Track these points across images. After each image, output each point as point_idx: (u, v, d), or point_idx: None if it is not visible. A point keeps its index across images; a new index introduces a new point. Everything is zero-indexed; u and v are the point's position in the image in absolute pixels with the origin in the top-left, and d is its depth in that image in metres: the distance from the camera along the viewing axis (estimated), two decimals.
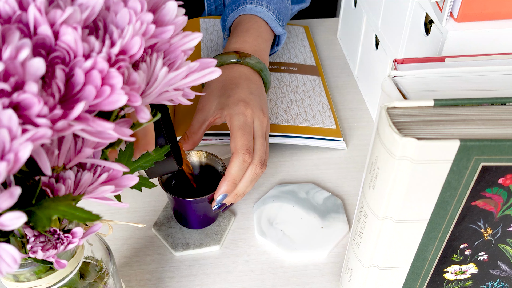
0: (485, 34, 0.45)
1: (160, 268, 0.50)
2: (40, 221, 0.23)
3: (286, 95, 0.66)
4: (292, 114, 0.63)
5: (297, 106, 0.64)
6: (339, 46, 0.83)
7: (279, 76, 0.70)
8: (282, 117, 0.62)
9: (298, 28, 0.83)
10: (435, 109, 0.30)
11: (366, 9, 0.68)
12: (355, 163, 0.61)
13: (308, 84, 0.69)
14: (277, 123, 0.61)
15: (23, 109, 0.20)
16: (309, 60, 0.75)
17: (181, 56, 0.25)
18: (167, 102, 0.27)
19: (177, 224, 0.53)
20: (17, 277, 0.31)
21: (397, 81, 0.33)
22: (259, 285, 0.48)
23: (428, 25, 0.50)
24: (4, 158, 0.19)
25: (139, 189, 0.36)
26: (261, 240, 0.52)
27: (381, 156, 0.30)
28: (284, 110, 0.63)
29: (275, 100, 0.65)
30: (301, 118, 0.62)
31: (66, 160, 0.24)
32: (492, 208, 0.32)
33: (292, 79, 0.69)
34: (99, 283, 0.37)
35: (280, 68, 0.72)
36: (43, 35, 0.21)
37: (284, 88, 0.67)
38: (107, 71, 0.21)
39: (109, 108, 0.21)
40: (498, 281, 0.38)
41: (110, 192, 0.27)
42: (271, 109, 0.63)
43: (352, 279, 0.41)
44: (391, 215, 0.32)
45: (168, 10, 0.25)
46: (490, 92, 0.32)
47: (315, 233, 0.51)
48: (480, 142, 0.27)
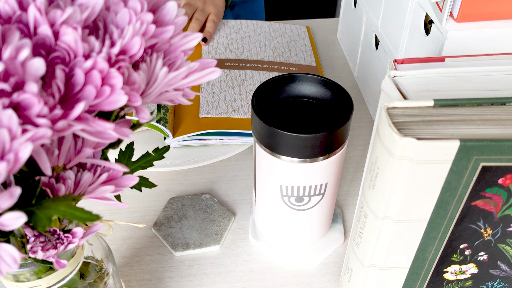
0: (485, 34, 0.45)
1: (160, 268, 0.50)
2: (40, 221, 0.23)
3: None
4: None
5: None
6: (339, 46, 0.83)
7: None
8: None
9: (300, 27, 0.83)
10: (435, 109, 0.30)
11: (366, 9, 0.68)
12: (355, 163, 0.61)
13: None
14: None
15: (23, 109, 0.20)
16: (309, 59, 0.75)
17: (181, 56, 0.25)
18: (167, 102, 0.27)
19: (177, 224, 0.53)
20: (17, 277, 0.31)
21: (397, 81, 0.33)
22: (259, 285, 0.48)
23: (428, 25, 0.50)
24: (4, 158, 0.19)
25: (139, 189, 0.36)
26: (254, 243, 0.52)
27: (381, 156, 0.30)
28: None
29: None
30: None
31: (66, 160, 0.24)
32: (492, 208, 0.32)
33: None
34: (99, 283, 0.37)
35: (280, 68, 0.72)
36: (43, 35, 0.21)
37: None
38: (107, 71, 0.21)
39: (109, 108, 0.21)
40: (498, 281, 0.39)
41: (110, 192, 0.27)
42: None
43: (352, 279, 0.41)
44: (391, 215, 0.32)
45: (168, 10, 0.25)
46: (490, 92, 0.32)
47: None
48: (480, 142, 0.27)
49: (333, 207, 0.49)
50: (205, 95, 0.66)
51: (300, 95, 0.43)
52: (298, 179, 0.42)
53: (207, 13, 0.80)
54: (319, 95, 0.43)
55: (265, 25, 0.83)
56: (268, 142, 0.41)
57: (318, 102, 0.43)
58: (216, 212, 0.54)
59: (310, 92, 0.43)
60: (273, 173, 0.43)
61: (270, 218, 0.48)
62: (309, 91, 0.43)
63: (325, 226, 0.50)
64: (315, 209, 0.46)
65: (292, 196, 0.44)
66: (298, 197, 0.44)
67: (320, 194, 0.44)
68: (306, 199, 0.44)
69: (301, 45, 0.78)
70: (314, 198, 0.44)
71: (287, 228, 0.48)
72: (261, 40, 0.79)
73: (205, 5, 0.80)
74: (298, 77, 0.43)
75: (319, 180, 0.43)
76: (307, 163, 0.41)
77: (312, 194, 0.44)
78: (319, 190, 0.44)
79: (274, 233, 0.50)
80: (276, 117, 0.41)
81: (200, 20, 0.78)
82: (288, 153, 0.40)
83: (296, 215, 0.46)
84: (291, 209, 0.45)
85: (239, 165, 0.61)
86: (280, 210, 0.46)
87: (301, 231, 0.48)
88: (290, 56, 0.75)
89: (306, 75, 0.43)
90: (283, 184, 0.43)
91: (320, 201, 0.45)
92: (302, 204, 0.45)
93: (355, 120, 0.67)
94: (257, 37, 0.79)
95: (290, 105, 0.42)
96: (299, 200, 0.44)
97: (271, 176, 0.43)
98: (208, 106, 0.63)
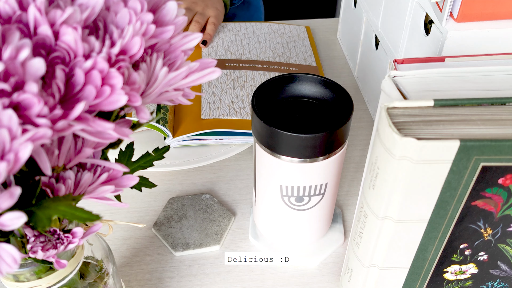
0: (485, 34, 0.45)
1: (160, 268, 0.50)
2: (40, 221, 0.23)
3: None
4: None
5: None
6: (339, 46, 0.83)
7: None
8: None
9: (300, 28, 0.83)
10: (435, 109, 0.30)
11: (366, 9, 0.68)
12: (355, 163, 0.61)
13: None
14: None
15: (23, 109, 0.20)
16: (309, 59, 0.75)
17: (181, 56, 0.25)
18: (167, 102, 0.27)
19: (177, 224, 0.53)
20: (17, 277, 0.31)
21: (397, 81, 0.33)
22: (259, 285, 0.48)
23: (428, 25, 0.50)
24: (4, 158, 0.19)
25: (139, 189, 0.36)
26: (254, 243, 0.52)
27: (381, 156, 0.30)
28: None
29: None
30: None
31: (66, 160, 0.24)
32: (492, 208, 0.32)
33: None
34: (99, 283, 0.37)
35: (281, 68, 0.72)
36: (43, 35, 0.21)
37: None
38: (107, 71, 0.21)
39: (109, 108, 0.21)
40: (498, 281, 0.39)
41: (110, 192, 0.27)
42: None
43: (352, 279, 0.41)
44: (391, 215, 0.32)
45: (168, 10, 0.25)
46: (490, 92, 0.32)
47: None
48: (480, 142, 0.27)
49: (333, 207, 0.49)
50: (207, 96, 0.66)
51: (300, 95, 0.43)
52: (298, 179, 0.42)
53: (207, 16, 0.80)
54: (319, 95, 0.43)
55: (265, 26, 0.83)
56: (268, 142, 0.41)
57: (318, 102, 0.43)
58: (216, 212, 0.54)
59: (310, 92, 0.43)
60: (273, 173, 0.43)
61: (270, 218, 0.48)
62: (309, 91, 0.43)
63: (325, 226, 0.50)
64: (315, 209, 0.46)
65: (292, 196, 0.44)
66: (298, 197, 0.44)
67: (320, 194, 0.44)
68: (306, 199, 0.44)
69: (301, 46, 0.78)
70: (314, 198, 0.44)
71: (287, 228, 0.48)
72: (261, 41, 0.79)
73: (205, 9, 0.81)
74: (298, 77, 0.43)
75: (319, 180, 0.43)
76: (307, 163, 0.41)
77: (312, 194, 0.44)
78: (319, 190, 0.44)
79: (274, 233, 0.50)
80: (276, 117, 0.41)
81: (200, 23, 0.78)
82: (288, 153, 0.40)
83: (296, 215, 0.46)
84: (291, 209, 0.45)
85: (239, 165, 0.61)
86: (280, 210, 0.46)
87: (301, 231, 0.48)
88: (290, 56, 0.75)
89: (306, 75, 0.43)
90: (283, 184, 0.43)
91: (320, 201, 0.45)
92: (302, 204, 0.45)
93: (355, 120, 0.67)
94: (257, 39, 0.79)
95: (290, 105, 0.42)
96: (299, 200, 0.44)
97: (271, 176, 0.43)
98: (210, 108, 0.63)
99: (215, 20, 0.79)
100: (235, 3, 0.94)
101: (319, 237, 0.51)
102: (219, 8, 0.82)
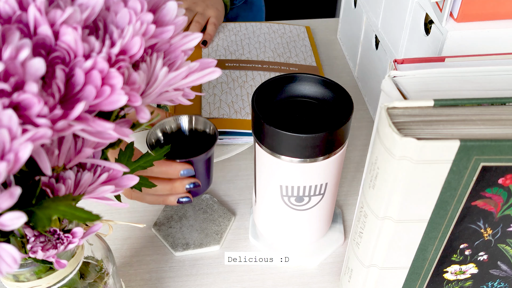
0: (485, 34, 0.45)
1: (160, 268, 0.50)
2: (40, 221, 0.23)
3: None
4: None
5: None
6: (339, 46, 0.83)
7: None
8: None
9: (300, 28, 0.83)
10: (435, 109, 0.30)
11: (366, 9, 0.68)
12: (355, 163, 0.61)
13: None
14: None
15: (23, 109, 0.20)
16: (309, 59, 0.75)
17: (181, 56, 0.25)
18: (167, 102, 0.27)
19: (177, 224, 0.53)
20: (17, 277, 0.31)
21: (397, 81, 0.33)
22: (259, 285, 0.48)
23: (428, 25, 0.50)
24: (4, 158, 0.19)
25: (139, 189, 0.36)
26: (254, 243, 0.52)
27: (381, 156, 0.30)
28: None
29: None
30: None
31: (66, 160, 0.24)
32: (492, 208, 0.32)
33: None
34: (99, 283, 0.37)
35: (281, 68, 0.72)
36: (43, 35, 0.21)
37: None
38: (107, 71, 0.21)
39: (109, 108, 0.21)
40: (498, 281, 0.38)
41: (110, 192, 0.27)
42: None
43: (352, 279, 0.41)
44: (391, 215, 0.32)
45: (168, 10, 0.25)
46: (490, 92, 0.32)
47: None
48: (480, 142, 0.27)
49: (333, 207, 0.49)
50: (206, 96, 0.66)
51: (300, 95, 0.43)
52: (298, 179, 0.42)
53: (207, 16, 0.80)
54: (319, 95, 0.43)
55: (264, 26, 0.83)
56: (268, 142, 0.41)
57: (318, 102, 0.43)
58: (216, 212, 0.54)
59: (310, 92, 0.43)
60: (273, 173, 0.43)
61: (270, 218, 0.48)
62: (309, 91, 0.43)
63: (325, 226, 0.50)
64: (315, 209, 0.46)
65: (292, 196, 0.44)
66: (298, 197, 0.44)
67: (320, 194, 0.44)
68: (306, 199, 0.44)
69: (301, 46, 0.78)
70: (314, 198, 0.44)
71: (287, 228, 0.48)
72: (261, 41, 0.79)
73: (205, 9, 0.81)
74: (298, 77, 0.43)
75: (319, 180, 0.43)
76: (307, 163, 0.41)
77: (312, 194, 0.44)
78: (319, 190, 0.44)
79: (274, 233, 0.50)
80: (276, 117, 0.41)
81: (201, 23, 0.78)
82: (288, 153, 0.40)
83: (296, 215, 0.46)
84: (291, 209, 0.45)
85: (239, 165, 0.61)
86: (280, 210, 0.46)
87: (301, 231, 0.48)
88: (290, 56, 0.75)
89: (306, 75, 0.43)
90: (283, 184, 0.43)
91: (320, 201, 0.45)
92: (302, 204, 0.45)
93: (355, 120, 0.67)
94: (257, 39, 0.79)
95: (290, 105, 0.42)
96: (299, 200, 0.44)
97: (271, 176, 0.43)
98: (210, 108, 0.63)
99: (216, 21, 0.79)
100: (236, 3, 0.94)
101: (319, 237, 0.51)
102: (219, 8, 0.82)
